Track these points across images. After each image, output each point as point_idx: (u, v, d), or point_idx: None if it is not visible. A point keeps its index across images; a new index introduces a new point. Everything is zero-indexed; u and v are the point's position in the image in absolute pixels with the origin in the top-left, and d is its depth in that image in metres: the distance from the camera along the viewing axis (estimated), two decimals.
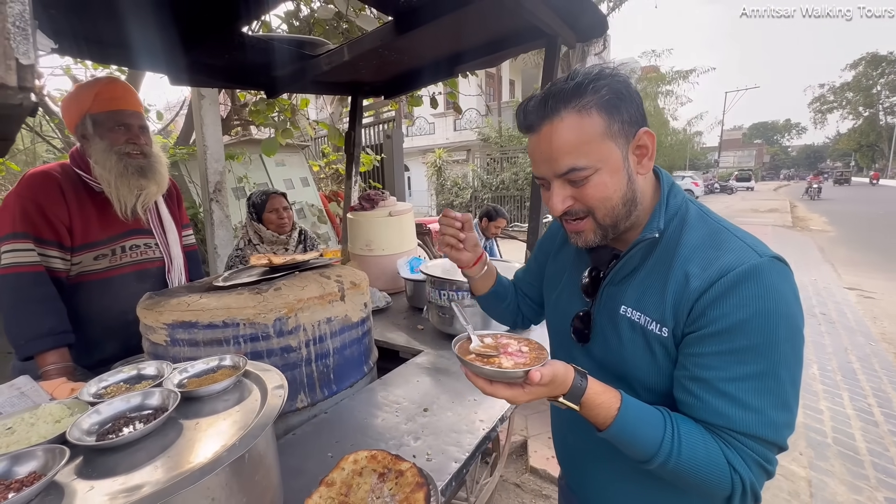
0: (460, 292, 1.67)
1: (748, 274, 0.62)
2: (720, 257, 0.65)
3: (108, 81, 1.44)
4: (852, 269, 6.93)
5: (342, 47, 1.64)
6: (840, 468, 2.38)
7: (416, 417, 1.18)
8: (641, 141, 0.70)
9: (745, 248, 0.65)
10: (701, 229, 0.70)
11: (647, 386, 0.74)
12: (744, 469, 0.61)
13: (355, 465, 0.92)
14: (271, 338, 1.16)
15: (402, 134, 5.96)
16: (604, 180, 0.69)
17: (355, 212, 2.39)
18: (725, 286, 0.62)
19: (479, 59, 2.05)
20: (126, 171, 1.40)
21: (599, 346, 0.80)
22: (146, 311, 1.18)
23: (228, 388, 0.83)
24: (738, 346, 0.62)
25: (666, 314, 0.68)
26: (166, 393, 0.75)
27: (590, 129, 0.67)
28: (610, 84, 0.67)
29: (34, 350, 1.28)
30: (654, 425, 0.65)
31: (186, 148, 3.93)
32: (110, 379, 0.84)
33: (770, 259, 0.63)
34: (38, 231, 1.33)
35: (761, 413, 0.61)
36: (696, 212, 0.73)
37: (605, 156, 0.68)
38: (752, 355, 0.61)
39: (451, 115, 17.38)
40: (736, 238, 0.68)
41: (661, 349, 0.70)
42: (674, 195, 0.75)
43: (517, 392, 0.66)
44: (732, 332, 0.62)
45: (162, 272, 1.61)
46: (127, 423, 0.70)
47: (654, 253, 0.73)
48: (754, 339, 0.61)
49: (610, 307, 0.77)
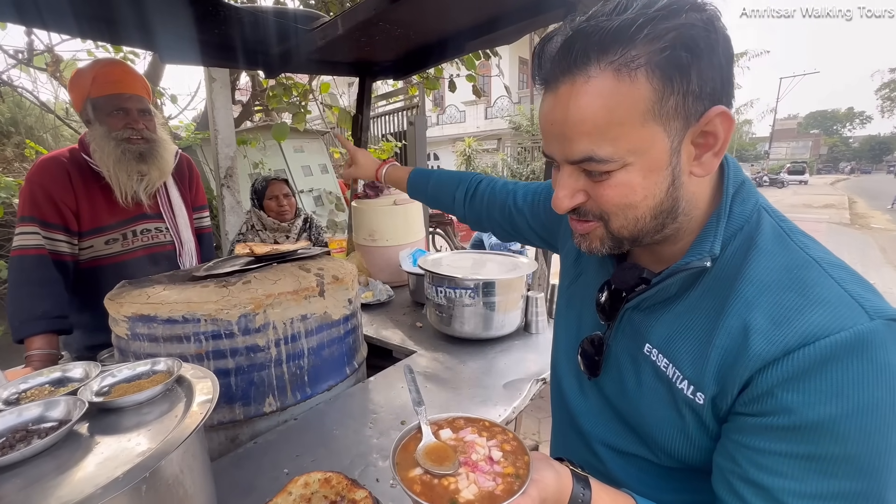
0: (459, 290, 1.52)
1: (850, 347, 0.41)
2: (805, 311, 0.44)
3: (106, 63, 1.42)
4: None
5: (336, 19, 1.50)
6: None
7: (391, 431, 1.05)
8: (711, 126, 0.47)
9: (847, 302, 0.43)
10: (778, 258, 0.48)
11: (668, 452, 0.55)
12: None
13: (305, 490, 0.81)
14: (235, 336, 1.06)
15: (425, 121, 5.79)
16: (631, 181, 0.48)
17: (360, 200, 2.28)
18: (811, 361, 0.42)
19: (492, 34, 1.86)
20: (124, 157, 1.39)
21: (612, 384, 0.63)
22: (110, 301, 1.11)
23: (155, 397, 0.72)
24: (823, 451, 0.42)
25: (706, 375, 0.49)
26: (73, 402, 0.65)
27: (629, 102, 0.44)
28: (681, 28, 0.43)
29: (27, 332, 1.29)
30: None
31: (203, 133, 3.95)
32: (31, 381, 0.76)
33: (887, 322, 0.41)
34: (43, 215, 1.35)
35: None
36: (773, 229, 0.51)
37: (644, 146, 0.46)
38: (844, 468, 0.42)
39: (483, 103, 17.04)
40: (831, 280, 0.45)
41: (693, 416, 0.52)
42: (741, 201, 0.52)
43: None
44: (818, 431, 0.42)
45: (174, 255, 1.61)
46: (22, 439, 0.61)
47: (702, 282, 0.53)
48: (851, 446, 0.41)
49: (631, 338, 0.60)
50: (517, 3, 1.66)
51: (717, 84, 0.45)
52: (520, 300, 1.61)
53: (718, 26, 0.44)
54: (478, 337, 1.58)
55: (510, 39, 1.95)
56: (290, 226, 2.17)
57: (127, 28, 1.43)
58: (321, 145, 5.27)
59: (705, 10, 0.44)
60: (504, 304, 1.55)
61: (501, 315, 1.56)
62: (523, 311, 1.65)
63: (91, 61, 1.47)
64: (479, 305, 1.54)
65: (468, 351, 1.52)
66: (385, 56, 2.17)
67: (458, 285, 1.51)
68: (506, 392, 1.22)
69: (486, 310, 1.54)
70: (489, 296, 1.52)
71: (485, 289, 1.51)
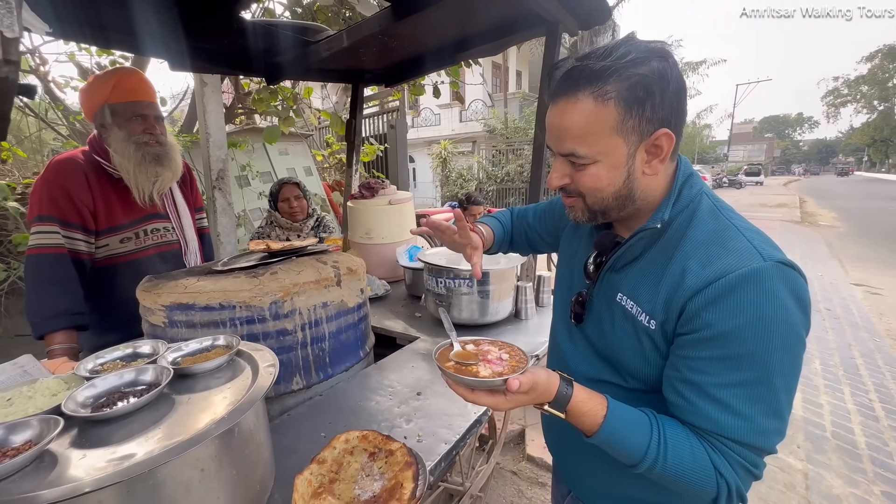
0: (457, 280, 1.68)
1: (747, 278, 0.59)
2: (721, 257, 0.62)
3: (126, 73, 1.49)
4: (860, 264, 6.85)
5: (341, 33, 1.63)
6: (837, 462, 2.38)
7: (409, 401, 1.20)
8: (658, 141, 0.65)
9: (750, 250, 0.62)
10: (709, 225, 0.67)
11: (634, 374, 0.74)
12: (730, 473, 0.62)
13: (346, 445, 0.94)
14: (267, 321, 1.18)
15: (406, 124, 5.93)
16: (599, 173, 0.67)
17: (355, 200, 2.40)
18: (722, 289, 0.60)
19: (480, 47, 2.03)
20: (144, 160, 1.47)
21: (593, 328, 0.81)
22: (145, 293, 1.20)
23: (221, 365, 0.85)
24: (732, 352, 0.60)
25: (656, 307, 0.68)
26: (159, 369, 0.77)
27: (601, 119, 0.63)
28: (644, 74, 0.61)
29: (49, 328, 1.33)
30: (640, 432, 0.65)
31: (190, 136, 3.95)
32: (107, 356, 0.86)
33: (775, 264, 0.60)
34: (63, 214, 1.39)
35: (751, 420, 0.60)
36: (709, 206, 0.70)
37: (608, 150, 0.65)
38: (746, 362, 0.60)
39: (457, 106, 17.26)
40: (743, 238, 0.64)
41: (648, 340, 0.70)
42: (689, 187, 0.71)
43: (499, 399, 0.66)
44: (727, 337, 0.60)
45: (180, 254, 1.68)
46: (121, 398, 0.72)
47: (658, 244, 0.71)
48: (749, 346, 0.59)
49: (608, 293, 0.78)
50: (504, 21, 1.84)
51: (667, 113, 0.64)
52: (511, 289, 1.78)
53: (673, 73, 0.63)
54: (474, 323, 1.73)
55: (496, 51, 2.13)
56: (302, 225, 2.32)
57: (144, 39, 1.51)
58: (305, 148, 5.31)
59: (667, 60, 0.63)
60: (498, 292, 1.71)
61: (496, 303, 1.72)
62: (514, 299, 1.83)
63: (108, 70, 1.54)
64: (475, 294, 1.69)
65: (466, 335, 1.66)
66: (378, 65, 2.31)
67: (457, 276, 1.66)
68: None
69: (481, 298, 1.70)
70: (484, 285, 1.68)
71: (481, 278, 1.67)
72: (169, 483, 0.59)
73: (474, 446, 1.97)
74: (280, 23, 1.68)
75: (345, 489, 0.82)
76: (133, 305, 1.50)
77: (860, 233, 10.10)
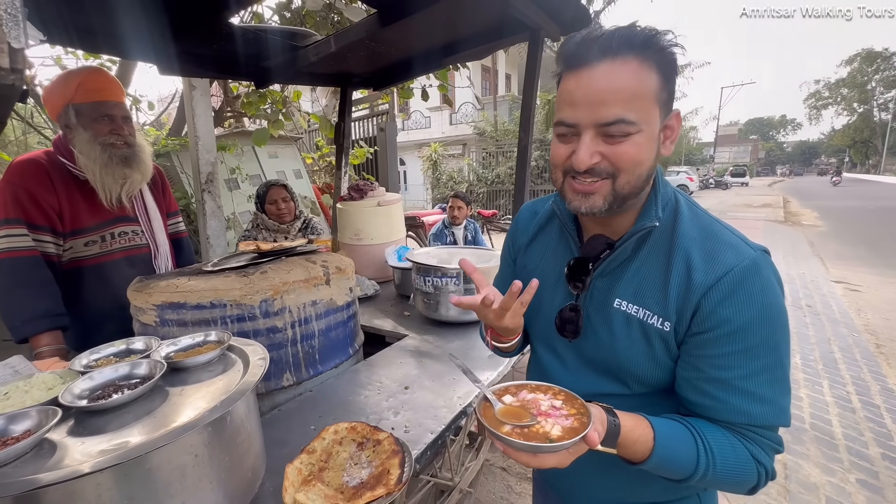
0: (444, 278, 1.72)
1: (750, 270, 0.62)
2: (721, 251, 0.64)
3: (91, 72, 1.44)
4: (840, 262, 7.04)
5: (329, 38, 1.67)
6: (815, 452, 2.46)
7: (397, 394, 1.23)
8: (671, 121, 0.66)
9: (739, 244, 0.65)
10: (694, 221, 0.69)
11: (641, 380, 0.72)
12: (766, 459, 0.64)
13: (335, 435, 0.97)
14: (257, 318, 1.21)
15: (395, 127, 5.97)
16: (642, 143, 0.62)
17: (345, 202, 2.44)
18: (733, 283, 0.62)
19: (465, 52, 2.08)
20: (111, 162, 1.42)
21: (587, 341, 0.77)
22: (136, 293, 1.23)
23: (213, 359, 0.88)
24: (751, 343, 0.62)
25: (669, 308, 0.66)
26: (153, 363, 0.80)
27: (648, 84, 0.61)
28: (673, 51, 0.62)
29: (30, 332, 1.31)
30: (686, 445, 0.64)
31: (179, 139, 3.95)
32: (101, 352, 0.89)
33: (762, 253, 0.65)
34: (29, 217, 1.35)
35: (775, 403, 0.63)
36: (686, 202, 0.72)
37: (651, 120, 0.62)
38: (763, 349, 0.62)
39: (447, 109, 17.35)
40: (728, 231, 0.68)
41: (661, 344, 0.68)
42: (664, 185, 0.73)
43: (563, 456, 0.58)
44: (746, 329, 0.62)
45: (149, 258, 1.64)
46: (116, 391, 0.75)
47: (648, 243, 0.71)
48: (763, 333, 0.62)
49: (601, 300, 0.74)
50: (489, 26, 1.89)
51: (675, 94, 0.66)
52: None
53: None
54: (461, 320, 1.78)
55: (482, 55, 2.19)
56: (290, 227, 2.33)
57: (132, 43, 1.53)
58: (294, 151, 5.32)
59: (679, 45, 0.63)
60: None
61: None
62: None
63: (72, 69, 1.48)
64: (462, 292, 1.74)
65: (454, 332, 1.71)
66: (366, 69, 2.35)
67: (445, 274, 1.71)
68: (490, 361, 1.43)
69: (468, 295, 1.74)
70: (471, 283, 1.72)
71: (468, 277, 1.71)
72: (164, 468, 0.62)
73: (464, 443, 2.01)
74: (269, 28, 1.71)
75: (334, 476, 0.86)
76: (98, 310, 1.50)
77: (840, 231, 10.37)
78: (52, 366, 1.21)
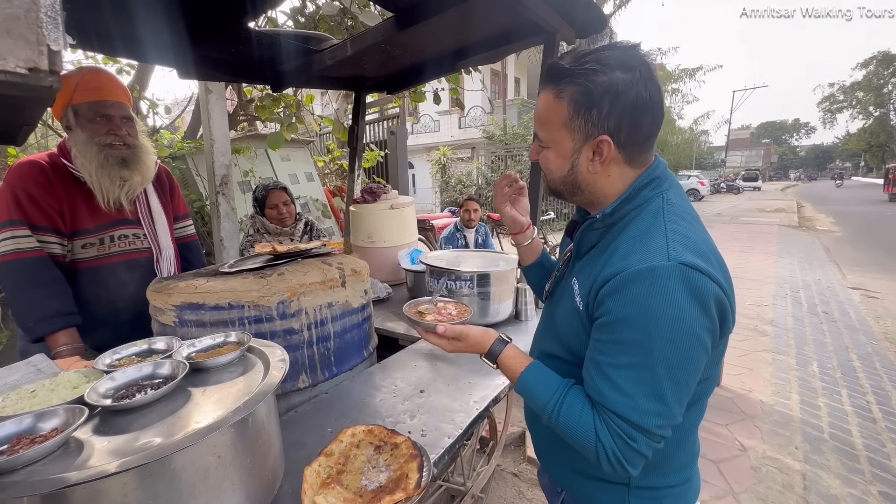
0: (458, 281, 1.71)
1: (642, 274, 0.66)
2: (634, 251, 0.69)
3: (89, 71, 1.42)
4: (857, 268, 6.90)
5: (345, 42, 1.68)
6: (835, 463, 2.40)
7: (413, 398, 1.23)
8: (598, 146, 0.73)
9: (661, 251, 0.67)
10: (645, 223, 0.73)
11: (572, 350, 0.83)
12: (607, 439, 0.69)
13: (353, 438, 0.97)
14: (274, 320, 1.21)
15: (406, 130, 5.99)
16: (550, 157, 0.80)
17: (358, 204, 2.44)
18: (623, 281, 0.67)
19: (480, 55, 2.09)
20: (107, 162, 1.39)
21: (554, 307, 0.93)
22: (156, 293, 1.24)
23: (234, 360, 0.88)
24: (622, 337, 0.68)
25: (588, 291, 0.76)
26: (176, 363, 0.80)
27: (555, 113, 0.75)
28: (594, 85, 0.69)
29: (44, 331, 1.31)
30: (548, 390, 0.77)
31: (194, 142, 4.00)
32: (123, 352, 0.90)
33: (678, 265, 0.65)
34: (31, 218, 1.34)
35: (632, 399, 0.67)
36: (657, 207, 0.74)
37: (558, 140, 0.77)
38: (632, 348, 0.67)
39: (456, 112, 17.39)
40: (664, 239, 0.69)
41: (579, 320, 0.79)
42: (651, 188, 0.76)
43: (443, 342, 0.90)
44: (620, 324, 0.68)
45: (151, 262, 1.60)
46: (140, 390, 0.76)
47: (607, 236, 0.79)
48: (636, 334, 0.66)
49: (569, 278, 0.87)
50: (504, 29, 1.90)
51: (613, 124, 0.71)
52: (511, 291, 1.82)
53: (634, 90, 0.69)
54: (475, 324, 1.76)
55: (495, 59, 2.19)
56: (293, 229, 2.31)
57: (153, 48, 1.55)
58: (307, 154, 5.37)
59: (633, 71, 0.69)
60: (498, 294, 1.75)
61: (496, 304, 1.76)
62: (514, 300, 1.86)
63: (73, 69, 1.45)
64: (475, 295, 1.73)
65: None
66: (380, 72, 2.36)
67: (458, 277, 1.70)
68: None
69: (481, 299, 1.74)
70: (484, 286, 1.72)
71: (480, 280, 1.71)
72: (188, 468, 0.62)
73: (475, 447, 2.00)
74: (285, 32, 1.73)
75: (352, 480, 0.86)
76: (91, 314, 1.45)
77: (856, 237, 10.17)
78: (73, 364, 1.23)
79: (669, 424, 0.68)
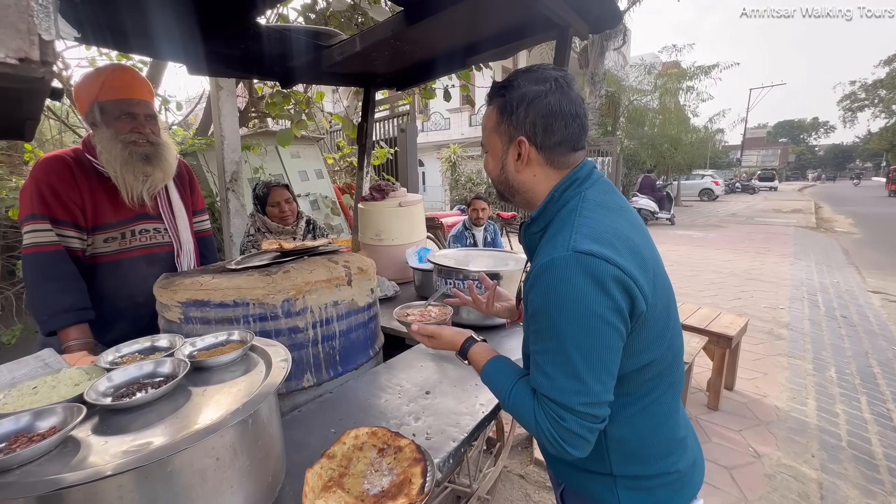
0: (466, 280, 1.69)
1: (546, 267, 0.73)
2: (544, 249, 0.78)
3: (115, 69, 1.44)
4: (877, 272, 6.70)
5: (354, 38, 1.66)
6: (854, 472, 2.33)
7: (418, 399, 1.21)
8: (516, 147, 0.84)
9: (564, 243, 0.74)
10: (562, 222, 0.81)
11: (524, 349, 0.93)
12: (543, 420, 0.75)
13: (356, 441, 0.95)
14: (279, 318, 1.20)
15: (416, 128, 5.97)
16: (488, 160, 0.92)
17: (366, 202, 2.43)
18: (535, 276, 0.76)
19: (491, 51, 2.05)
20: (131, 159, 1.42)
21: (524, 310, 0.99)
22: (162, 290, 1.24)
23: (236, 359, 0.87)
24: (539, 326, 0.76)
25: None
26: (177, 362, 0.79)
27: (488, 120, 0.88)
28: (511, 96, 0.82)
29: (56, 325, 1.33)
30: (503, 381, 0.85)
31: (205, 139, 4.03)
32: (126, 349, 0.89)
33: (573, 254, 0.71)
34: (52, 212, 1.37)
35: (553, 379, 0.74)
36: (574, 205, 0.82)
37: (492, 144, 0.89)
38: (546, 335, 0.75)
39: (467, 110, 17.32)
40: (569, 233, 0.75)
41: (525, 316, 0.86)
42: (572, 190, 0.84)
43: (424, 339, 1.03)
44: (536, 314, 0.76)
45: (171, 257, 1.63)
46: (140, 388, 0.75)
47: (544, 238, 0.85)
48: (547, 321, 0.74)
49: None
50: (516, 24, 1.86)
51: (529, 128, 0.82)
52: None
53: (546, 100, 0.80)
54: (483, 324, 1.74)
55: (507, 55, 2.15)
56: (295, 228, 2.27)
57: (164, 44, 1.55)
58: (316, 151, 5.38)
59: (544, 84, 0.81)
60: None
61: None
62: None
63: (99, 66, 1.49)
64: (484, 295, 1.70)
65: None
66: (390, 69, 2.34)
67: (466, 277, 1.68)
68: None
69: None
70: None
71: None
72: (186, 470, 0.61)
73: (482, 449, 1.97)
74: (295, 27, 1.72)
75: (354, 483, 0.84)
76: (112, 307, 1.49)
77: (877, 239, 9.89)
78: (79, 360, 1.24)
79: (595, 402, 0.72)
